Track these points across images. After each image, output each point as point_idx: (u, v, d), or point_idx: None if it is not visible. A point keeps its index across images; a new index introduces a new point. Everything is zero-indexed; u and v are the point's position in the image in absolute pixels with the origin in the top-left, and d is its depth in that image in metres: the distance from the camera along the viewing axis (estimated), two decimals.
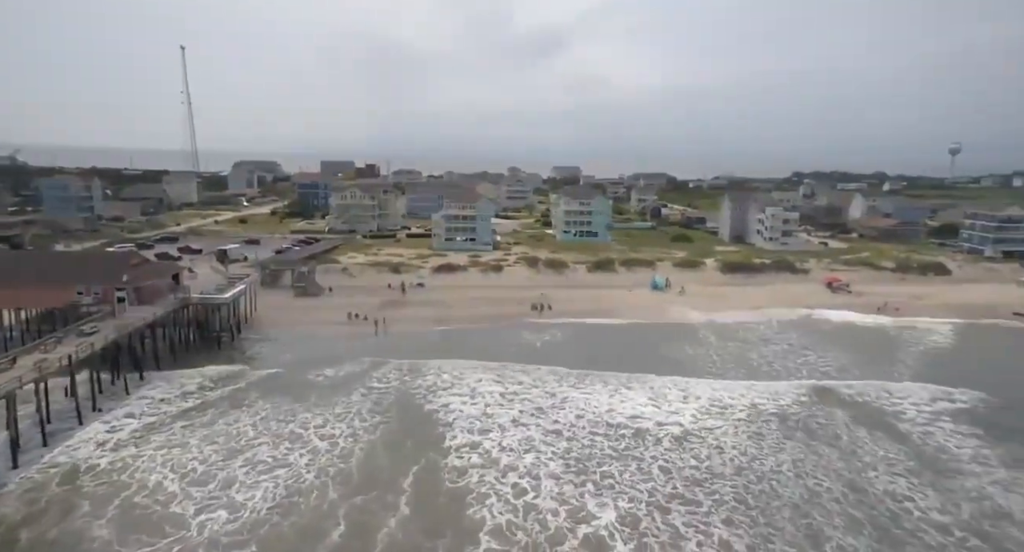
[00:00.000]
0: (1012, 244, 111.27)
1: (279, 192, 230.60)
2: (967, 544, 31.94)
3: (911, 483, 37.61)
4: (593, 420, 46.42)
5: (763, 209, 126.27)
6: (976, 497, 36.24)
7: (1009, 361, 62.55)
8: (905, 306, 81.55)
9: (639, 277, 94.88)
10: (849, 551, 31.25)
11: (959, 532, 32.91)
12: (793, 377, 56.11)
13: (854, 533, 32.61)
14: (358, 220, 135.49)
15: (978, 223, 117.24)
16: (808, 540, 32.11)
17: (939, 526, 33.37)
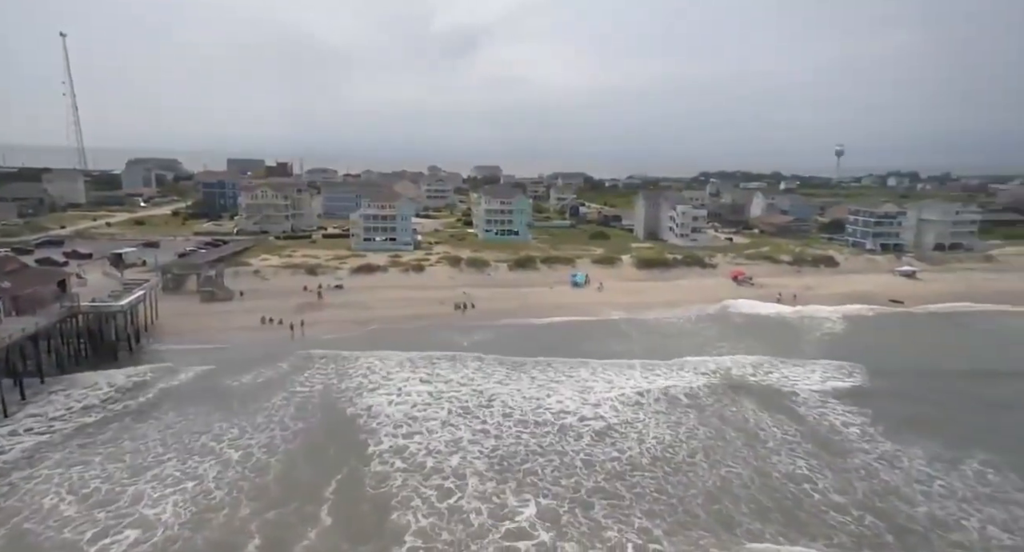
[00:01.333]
0: (888, 238, 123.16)
1: (181, 192, 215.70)
2: (864, 522, 34.45)
3: (810, 465, 40.31)
4: (520, 418, 46.82)
5: (674, 207, 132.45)
6: (866, 475, 39.32)
7: (886, 342, 69.05)
8: (801, 296, 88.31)
9: (559, 274, 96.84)
10: (757, 535, 33.16)
11: (856, 511, 35.43)
12: (708, 367, 58.94)
13: (762, 519, 34.63)
14: (270, 221, 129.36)
15: (860, 219, 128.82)
16: (721, 526, 33.88)
17: (838, 506, 35.91)
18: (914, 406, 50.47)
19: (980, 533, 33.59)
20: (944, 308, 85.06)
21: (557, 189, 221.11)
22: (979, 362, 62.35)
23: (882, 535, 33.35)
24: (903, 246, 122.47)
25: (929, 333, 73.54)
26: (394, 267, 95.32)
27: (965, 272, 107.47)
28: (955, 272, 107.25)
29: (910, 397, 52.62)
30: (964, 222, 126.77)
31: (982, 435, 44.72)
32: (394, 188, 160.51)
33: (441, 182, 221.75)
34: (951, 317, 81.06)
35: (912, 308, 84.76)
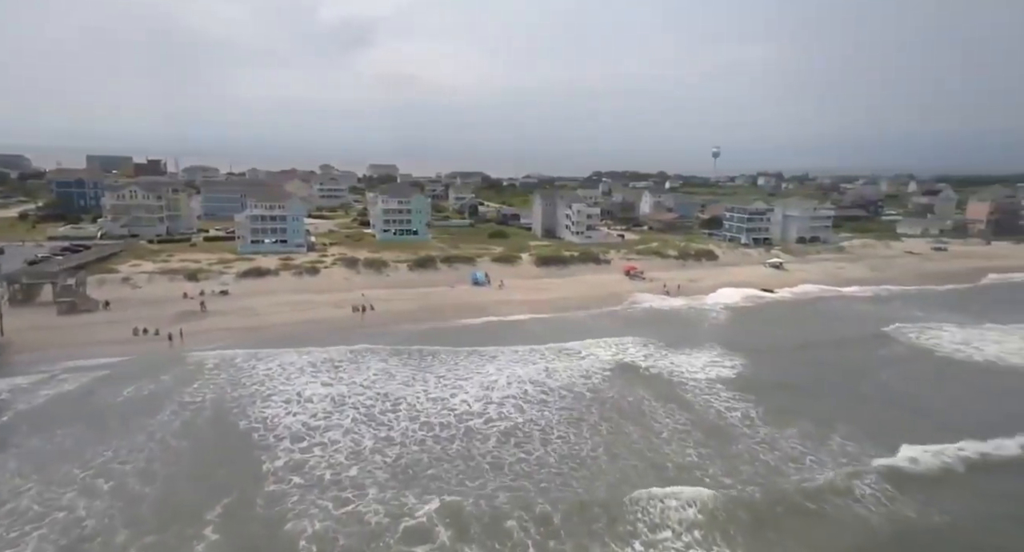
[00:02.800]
0: (759, 233, 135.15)
1: (28, 191, 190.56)
2: (751, 504, 36.33)
3: (699, 453, 42.21)
4: (426, 421, 46.02)
5: (570, 206, 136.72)
6: (749, 459, 42.01)
7: (760, 327, 75.67)
8: (686, 288, 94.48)
9: (460, 273, 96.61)
10: (655, 525, 34.31)
11: (743, 493, 37.27)
12: (608, 361, 60.92)
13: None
14: (141, 223, 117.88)
15: (735, 216, 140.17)
16: (621, 515, 34.94)
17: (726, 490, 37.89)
18: (787, 388, 55.33)
19: (843, 501, 37.51)
20: (806, 294, 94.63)
21: (456, 188, 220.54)
22: (833, 335, 70.33)
23: (764, 513, 35.63)
24: (771, 240, 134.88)
25: (794, 316, 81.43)
26: (286, 270, 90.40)
27: (822, 262, 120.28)
28: (814, 262, 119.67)
29: (782, 377, 57.82)
30: (820, 218, 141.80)
31: (842, 406, 50.26)
32: (284, 187, 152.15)
33: (335, 181, 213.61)
34: (812, 301, 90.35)
35: (781, 295, 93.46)
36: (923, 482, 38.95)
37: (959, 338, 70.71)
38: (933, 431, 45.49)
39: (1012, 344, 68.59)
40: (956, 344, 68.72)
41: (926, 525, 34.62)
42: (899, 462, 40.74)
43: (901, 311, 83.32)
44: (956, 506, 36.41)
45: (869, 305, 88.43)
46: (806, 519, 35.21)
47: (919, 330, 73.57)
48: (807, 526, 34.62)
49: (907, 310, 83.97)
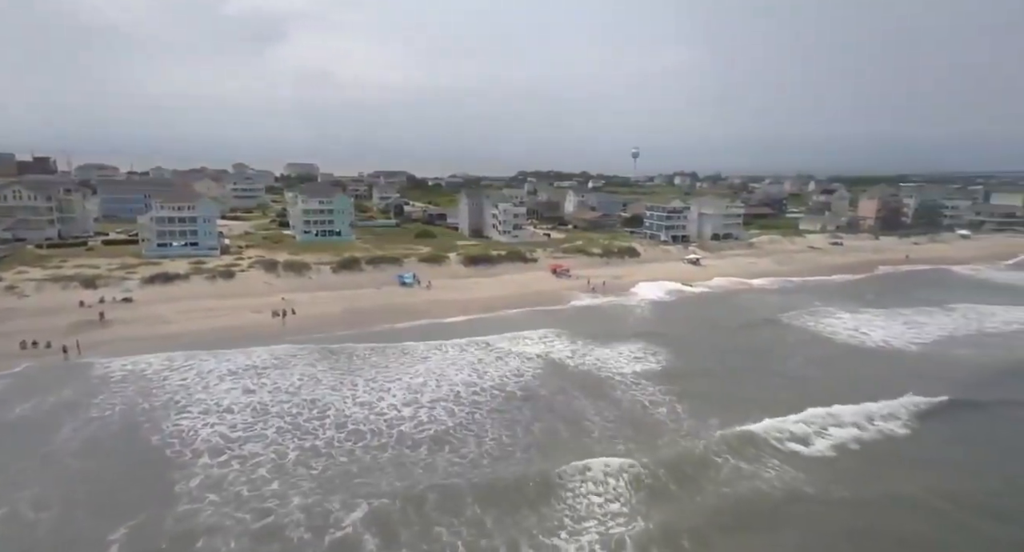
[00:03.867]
0: (677, 230, 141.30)
1: None
2: (676, 495, 37.89)
3: (627, 448, 42.99)
4: (354, 429, 44.71)
5: (496, 205, 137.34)
6: (669, 441, 43.90)
7: (680, 321, 79.11)
8: (610, 284, 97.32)
9: (387, 274, 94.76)
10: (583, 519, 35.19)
11: (671, 487, 38.53)
12: (539, 359, 61.55)
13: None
14: (28, 226, 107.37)
15: (654, 214, 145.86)
16: (553, 518, 35.55)
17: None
18: (703, 374, 58.21)
19: (738, 460, 40.09)
20: (721, 287, 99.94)
21: (380, 188, 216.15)
22: (744, 325, 74.68)
23: (689, 501, 37.50)
24: (689, 237, 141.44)
25: (710, 308, 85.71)
26: (198, 275, 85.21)
27: (734, 257, 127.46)
28: (727, 258, 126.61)
29: (699, 364, 60.69)
30: (732, 215, 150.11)
31: (748, 386, 53.57)
32: (194, 187, 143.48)
33: (250, 180, 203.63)
34: (726, 294, 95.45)
35: (698, 289, 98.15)
36: (804, 445, 43.35)
37: (851, 325, 77.06)
38: (816, 400, 50.12)
39: (895, 329, 75.52)
40: (848, 329, 74.88)
41: (803, 478, 37.60)
42: (784, 424, 46.00)
43: (803, 301, 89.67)
44: (827, 464, 39.82)
45: (775, 296, 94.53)
46: (705, 475, 39.36)
47: (817, 318, 79.53)
48: (705, 482, 38.69)
49: (808, 300, 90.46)
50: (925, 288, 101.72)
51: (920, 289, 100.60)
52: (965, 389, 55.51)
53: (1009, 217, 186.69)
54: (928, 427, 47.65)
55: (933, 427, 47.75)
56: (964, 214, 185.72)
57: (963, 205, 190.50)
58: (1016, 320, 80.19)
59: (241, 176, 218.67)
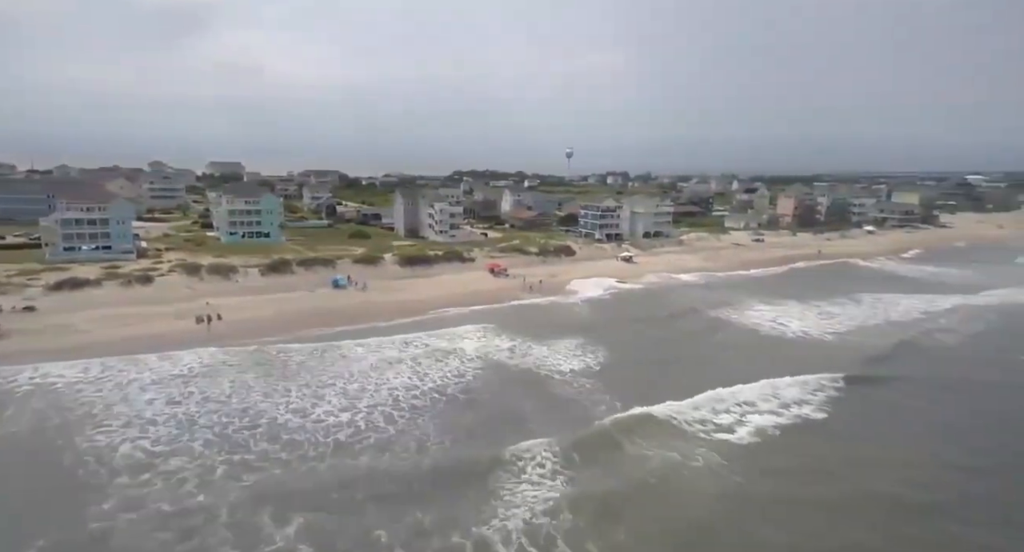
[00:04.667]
0: (611, 228, 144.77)
1: None
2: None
3: (562, 447, 42.76)
4: (289, 439, 43.19)
5: (432, 205, 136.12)
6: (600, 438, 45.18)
7: (615, 317, 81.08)
8: (547, 283, 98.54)
9: (320, 276, 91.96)
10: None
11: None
12: (482, 359, 61.43)
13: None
14: None
15: (589, 213, 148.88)
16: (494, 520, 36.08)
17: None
18: (636, 364, 60.19)
19: (653, 437, 41.82)
20: (653, 284, 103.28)
21: (310, 188, 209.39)
22: (674, 319, 78.12)
23: (612, 476, 39.02)
24: (622, 235, 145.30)
25: (642, 304, 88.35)
26: (111, 280, 79.64)
27: (666, 254, 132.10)
28: (659, 255, 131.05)
29: (632, 357, 62.61)
30: (662, 214, 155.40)
31: (675, 375, 55.54)
32: (105, 187, 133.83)
33: (168, 180, 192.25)
34: (658, 291, 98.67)
35: (632, 286, 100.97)
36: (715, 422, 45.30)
37: (770, 316, 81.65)
38: (735, 381, 54.25)
39: (811, 319, 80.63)
40: (768, 321, 79.40)
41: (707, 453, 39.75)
42: (695, 401, 50.20)
43: (728, 295, 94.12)
44: (730, 437, 42.24)
45: (704, 291, 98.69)
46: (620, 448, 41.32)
47: (741, 311, 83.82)
48: (620, 455, 41.35)
49: (733, 294, 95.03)
50: (836, 280, 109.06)
51: (832, 281, 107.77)
52: (869, 368, 60.78)
53: (908, 214, 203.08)
54: (838, 402, 51.69)
55: (843, 402, 51.90)
56: (870, 211, 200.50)
57: (869, 203, 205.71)
58: (915, 307, 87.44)
59: (159, 175, 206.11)
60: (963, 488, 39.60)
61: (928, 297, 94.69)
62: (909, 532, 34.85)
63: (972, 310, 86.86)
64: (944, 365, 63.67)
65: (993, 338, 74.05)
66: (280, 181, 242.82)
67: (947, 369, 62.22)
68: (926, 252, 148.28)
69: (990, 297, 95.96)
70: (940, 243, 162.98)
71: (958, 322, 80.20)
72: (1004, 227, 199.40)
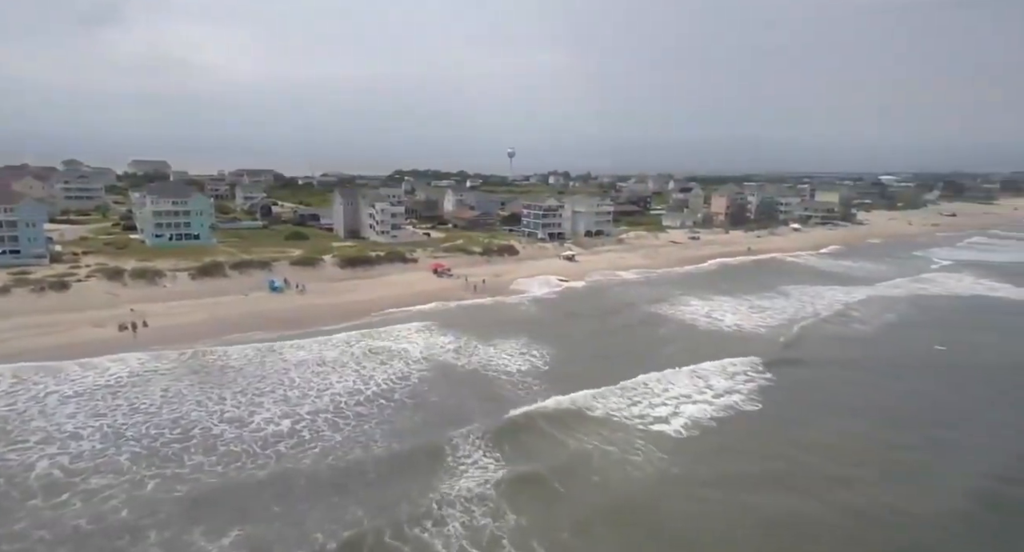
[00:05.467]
0: (553, 227, 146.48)
1: None
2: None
3: (512, 448, 43.50)
4: (225, 451, 41.51)
5: (373, 205, 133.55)
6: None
7: (559, 316, 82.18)
8: (492, 282, 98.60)
9: (255, 279, 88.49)
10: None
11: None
12: (428, 360, 60.68)
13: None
14: None
15: (531, 212, 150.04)
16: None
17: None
18: (581, 359, 61.19)
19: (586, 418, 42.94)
20: (595, 282, 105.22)
21: (243, 187, 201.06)
22: (616, 315, 79.95)
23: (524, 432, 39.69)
24: (564, 234, 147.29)
25: (585, 302, 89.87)
26: (21, 287, 73.86)
27: (607, 253, 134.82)
28: (600, 253, 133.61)
29: (577, 353, 63.68)
30: (603, 213, 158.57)
31: (615, 368, 56.86)
32: (12, 186, 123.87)
33: (85, 179, 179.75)
34: (600, 288, 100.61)
35: (575, 284, 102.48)
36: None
37: (705, 310, 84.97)
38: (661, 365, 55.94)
39: (743, 313, 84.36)
40: (702, 314, 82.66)
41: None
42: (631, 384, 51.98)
43: (666, 291, 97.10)
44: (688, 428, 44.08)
45: (643, 288, 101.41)
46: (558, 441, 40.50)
47: (678, 306, 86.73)
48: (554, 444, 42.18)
49: (671, 290, 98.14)
50: (766, 276, 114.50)
51: (762, 277, 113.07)
52: (795, 354, 65.17)
53: (829, 212, 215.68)
54: (768, 388, 54.40)
55: (773, 387, 54.89)
56: (795, 210, 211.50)
57: (794, 202, 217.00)
58: (838, 299, 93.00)
59: (74, 174, 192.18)
60: (884, 458, 43.11)
61: (847, 289, 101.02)
62: (839, 500, 37.38)
63: (884, 301, 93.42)
64: (861, 349, 68.92)
65: (903, 325, 79.97)
66: (210, 181, 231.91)
67: (864, 353, 67.31)
68: (846, 248, 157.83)
69: (898, 288, 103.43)
70: (858, 240, 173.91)
71: (873, 311, 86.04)
72: (913, 224, 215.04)
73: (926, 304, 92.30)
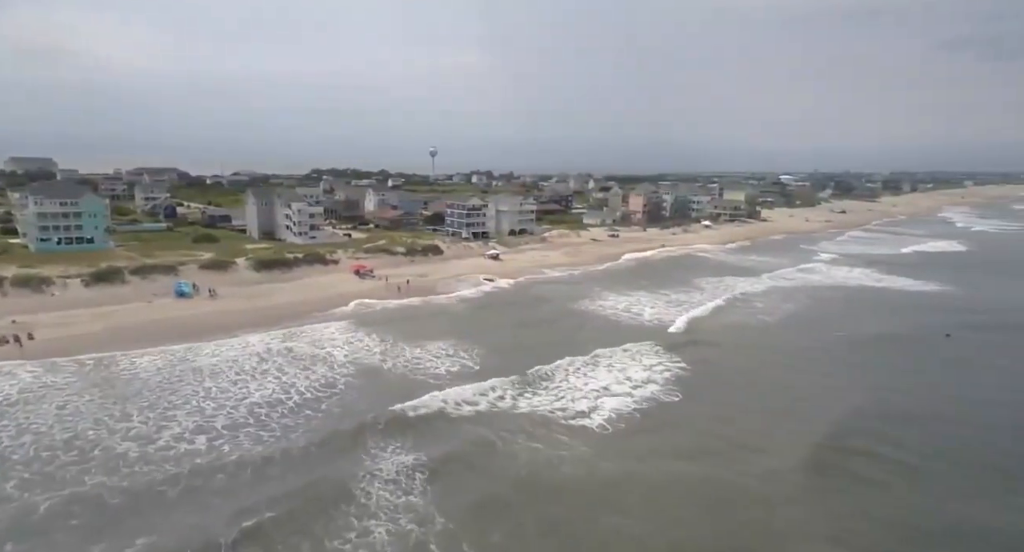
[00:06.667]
0: (477, 226, 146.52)
1: None
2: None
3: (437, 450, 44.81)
4: (128, 472, 38.66)
5: (289, 205, 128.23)
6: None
7: (486, 315, 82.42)
8: (416, 283, 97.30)
9: (159, 285, 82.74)
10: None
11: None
12: (353, 364, 59.15)
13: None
14: None
15: (455, 212, 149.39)
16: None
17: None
18: (509, 362, 61.43)
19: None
20: (520, 281, 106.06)
21: (144, 187, 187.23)
22: (540, 313, 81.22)
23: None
24: (488, 233, 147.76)
25: (511, 300, 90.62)
26: None
27: (531, 251, 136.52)
28: (525, 252, 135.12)
29: (503, 350, 63.86)
30: (527, 212, 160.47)
31: (534, 359, 58.14)
32: None
33: None
34: (525, 286, 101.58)
35: (501, 283, 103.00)
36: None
37: (624, 305, 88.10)
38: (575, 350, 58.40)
39: (660, 307, 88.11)
40: (622, 309, 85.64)
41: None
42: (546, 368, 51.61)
43: (590, 288, 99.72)
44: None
45: (567, 286, 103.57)
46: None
47: (603, 302, 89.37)
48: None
49: (594, 287, 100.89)
50: (681, 270, 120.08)
51: (678, 271, 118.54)
52: (709, 342, 69.16)
53: (736, 210, 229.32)
54: (683, 378, 56.98)
55: (688, 374, 57.41)
56: (706, 208, 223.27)
57: (705, 200, 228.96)
58: (746, 291, 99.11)
59: None
60: (791, 430, 47.06)
61: (753, 280, 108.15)
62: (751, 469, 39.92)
63: (785, 291, 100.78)
64: (766, 336, 74.41)
65: (802, 314, 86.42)
66: (105, 180, 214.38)
67: (769, 339, 72.71)
68: (752, 244, 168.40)
69: (796, 280, 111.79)
70: (763, 235, 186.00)
71: (775, 302, 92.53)
72: (810, 220, 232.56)
73: (820, 295, 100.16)
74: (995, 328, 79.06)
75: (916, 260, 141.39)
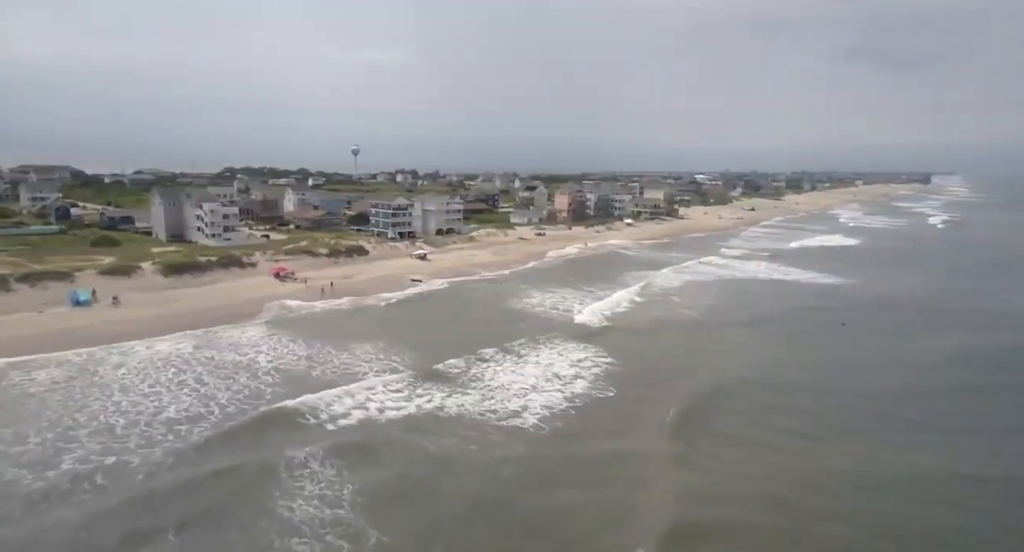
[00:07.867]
0: (404, 226, 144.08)
1: None
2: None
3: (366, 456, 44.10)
4: (27, 502, 35.26)
5: (201, 205, 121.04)
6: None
7: (414, 316, 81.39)
8: (341, 285, 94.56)
9: (53, 293, 75.93)
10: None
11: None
12: (278, 372, 56.78)
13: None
14: None
15: (380, 211, 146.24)
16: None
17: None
18: (439, 363, 61.16)
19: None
20: (449, 281, 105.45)
21: (30, 186, 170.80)
22: (470, 313, 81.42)
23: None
24: (415, 233, 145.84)
25: (439, 302, 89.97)
26: None
27: (458, 251, 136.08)
28: (452, 252, 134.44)
29: (434, 357, 63.14)
30: (453, 211, 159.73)
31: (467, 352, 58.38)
32: None
33: None
34: (454, 287, 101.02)
35: (427, 283, 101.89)
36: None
37: (549, 302, 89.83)
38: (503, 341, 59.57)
39: (587, 303, 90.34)
40: (550, 306, 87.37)
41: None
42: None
43: (518, 286, 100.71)
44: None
45: (495, 284, 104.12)
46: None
47: (532, 300, 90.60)
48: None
49: (522, 285, 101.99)
50: (606, 267, 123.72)
51: (603, 268, 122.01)
52: (633, 334, 72.18)
53: (656, 208, 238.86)
54: (611, 372, 58.90)
55: (614, 367, 59.34)
56: (627, 206, 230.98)
57: (626, 199, 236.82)
58: (668, 284, 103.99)
59: None
60: (708, 414, 49.91)
61: (673, 276, 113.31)
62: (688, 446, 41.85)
63: (703, 285, 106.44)
64: (689, 327, 78.46)
65: (720, 305, 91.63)
66: None
67: (692, 330, 76.93)
68: (671, 241, 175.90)
69: (714, 275, 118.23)
70: (681, 232, 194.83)
71: (694, 295, 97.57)
72: (723, 217, 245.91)
73: (734, 288, 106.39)
74: (880, 309, 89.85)
75: (817, 254, 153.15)
